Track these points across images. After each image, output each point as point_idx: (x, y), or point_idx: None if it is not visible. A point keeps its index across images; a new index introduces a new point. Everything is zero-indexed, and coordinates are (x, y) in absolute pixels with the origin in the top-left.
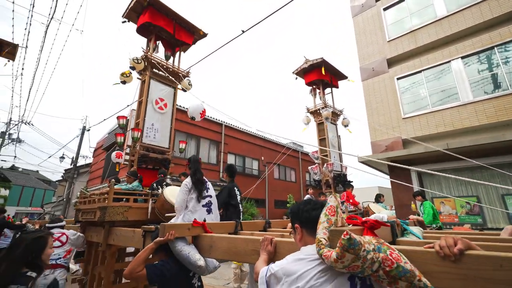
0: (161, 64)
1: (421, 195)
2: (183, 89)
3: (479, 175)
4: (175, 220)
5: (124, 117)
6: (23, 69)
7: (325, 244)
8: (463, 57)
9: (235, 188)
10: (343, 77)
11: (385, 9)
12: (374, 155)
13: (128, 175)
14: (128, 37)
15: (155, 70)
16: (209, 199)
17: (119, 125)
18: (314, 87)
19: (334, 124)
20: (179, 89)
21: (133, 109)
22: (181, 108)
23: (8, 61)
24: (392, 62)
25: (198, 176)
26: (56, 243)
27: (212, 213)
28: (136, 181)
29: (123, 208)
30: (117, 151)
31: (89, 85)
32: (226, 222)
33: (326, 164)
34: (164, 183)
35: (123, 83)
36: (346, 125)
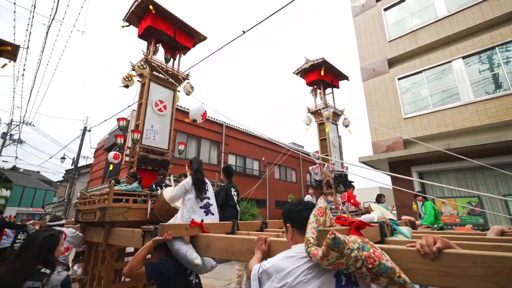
0: (161, 67)
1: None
2: (186, 93)
3: (480, 175)
4: (173, 220)
5: (124, 118)
6: (24, 70)
7: (313, 243)
8: (464, 57)
9: (232, 188)
10: (343, 77)
11: (385, 9)
12: (375, 155)
13: (128, 176)
14: (129, 37)
15: (155, 72)
16: (207, 200)
17: (119, 127)
18: (315, 87)
19: (335, 124)
20: (178, 91)
21: (133, 110)
22: (182, 108)
23: (10, 61)
24: (393, 62)
25: (199, 176)
26: None
27: (211, 214)
28: (135, 182)
29: (122, 209)
30: (116, 152)
31: (90, 85)
32: (223, 223)
33: (327, 165)
34: (163, 184)
35: (126, 87)
36: (347, 125)
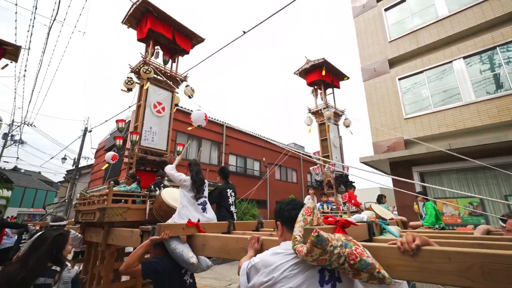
0: (159, 69)
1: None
2: (189, 97)
3: (482, 176)
4: (172, 219)
5: (123, 120)
6: (25, 70)
7: (299, 241)
8: (465, 57)
9: (229, 189)
10: (344, 77)
11: (386, 9)
12: (375, 155)
13: (127, 177)
14: (129, 38)
15: (153, 75)
16: (204, 199)
17: (118, 128)
18: (315, 87)
19: (335, 125)
20: (177, 93)
21: (134, 111)
22: (183, 109)
23: (11, 62)
24: (393, 62)
25: (201, 177)
26: None
27: (207, 212)
28: (134, 183)
29: (121, 209)
30: (114, 153)
31: (91, 86)
32: (220, 223)
33: (328, 165)
34: (162, 184)
35: (130, 90)
36: (347, 126)
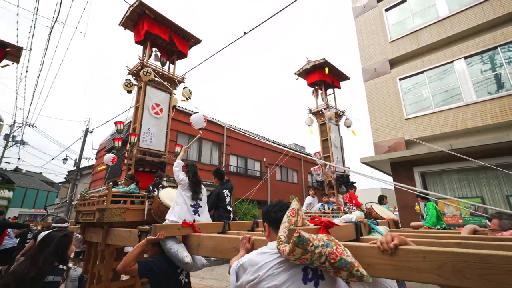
0: (156, 71)
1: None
2: (187, 98)
3: (483, 176)
4: (168, 215)
5: (122, 122)
6: (27, 71)
7: (283, 241)
8: (466, 57)
9: (225, 190)
10: (345, 78)
11: (386, 10)
12: (376, 155)
13: (125, 178)
14: (129, 39)
15: (153, 77)
16: (198, 202)
17: (117, 130)
18: (316, 88)
19: (336, 125)
20: (174, 94)
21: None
22: (184, 110)
23: (13, 63)
24: (394, 62)
25: (198, 178)
26: None
27: (199, 215)
28: (133, 184)
29: (120, 210)
30: (114, 156)
31: (92, 86)
32: (215, 223)
33: (329, 165)
34: (160, 185)
35: (129, 92)
36: (348, 126)
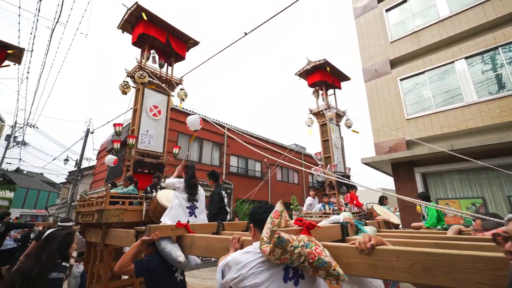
0: (154, 73)
1: (426, 197)
2: (180, 100)
3: (484, 176)
4: (164, 217)
5: (120, 124)
6: (28, 72)
7: (265, 241)
8: (467, 58)
9: (222, 191)
10: (345, 78)
11: (387, 10)
12: (377, 156)
13: (124, 180)
14: (128, 41)
15: (149, 79)
16: (195, 203)
17: (116, 132)
18: (316, 88)
19: (337, 125)
20: (172, 96)
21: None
22: (185, 110)
23: (14, 64)
24: (395, 63)
25: (193, 181)
26: None
27: (195, 216)
28: (131, 185)
29: (118, 211)
30: (115, 158)
31: (93, 87)
32: (209, 224)
33: (330, 166)
34: (158, 186)
35: (125, 94)
36: (349, 126)
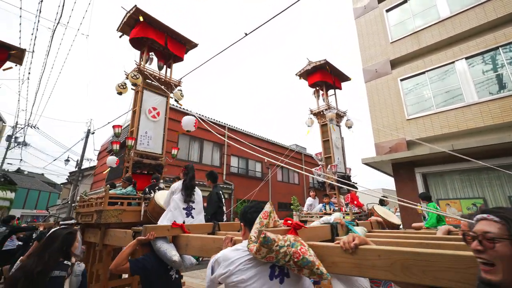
0: (153, 75)
1: (427, 197)
2: (175, 100)
3: (485, 177)
4: (163, 218)
5: (120, 126)
6: (29, 73)
7: (253, 240)
8: (467, 58)
9: (220, 191)
10: (346, 78)
11: (387, 10)
12: (378, 156)
13: (123, 181)
14: (128, 42)
15: (148, 81)
16: (192, 204)
17: (115, 134)
18: (317, 88)
19: (337, 126)
20: (171, 97)
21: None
22: (186, 111)
23: (16, 65)
24: (395, 63)
25: (192, 183)
26: None
27: (192, 217)
28: (130, 186)
29: (117, 211)
30: (117, 159)
31: (94, 87)
32: (205, 224)
33: (330, 166)
34: (157, 187)
35: (120, 94)
36: (349, 127)
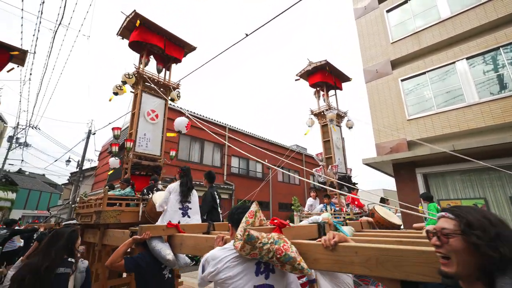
0: (152, 79)
1: (428, 197)
2: (171, 100)
3: (486, 177)
4: (161, 219)
5: (119, 128)
6: (31, 74)
7: (239, 238)
8: (468, 58)
9: (215, 192)
10: (346, 79)
11: (388, 11)
12: (378, 157)
13: (121, 182)
14: (127, 46)
15: (146, 83)
16: (188, 204)
17: (114, 136)
18: (318, 89)
19: (338, 126)
20: (169, 101)
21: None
22: (186, 112)
23: (18, 66)
24: (396, 63)
25: (189, 185)
26: None
27: (188, 217)
28: (128, 187)
29: (116, 212)
30: (119, 159)
31: (95, 88)
32: (200, 224)
33: (331, 166)
34: (155, 188)
35: (116, 94)
36: (350, 127)
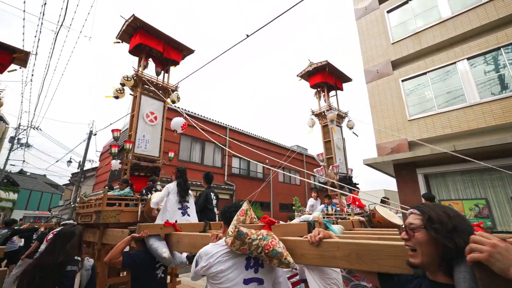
0: (151, 81)
1: (430, 198)
2: (171, 102)
3: (487, 177)
4: (161, 219)
5: (118, 130)
6: (32, 75)
7: (230, 235)
8: (469, 58)
9: (212, 193)
10: (347, 79)
11: (388, 11)
12: (379, 157)
13: (120, 183)
14: (127, 48)
15: (145, 86)
16: (186, 204)
17: (114, 137)
18: (318, 89)
19: (339, 127)
20: (168, 103)
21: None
22: (188, 113)
23: (20, 68)
24: (396, 64)
25: (187, 186)
26: None
27: (188, 215)
28: (127, 188)
29: (115, 212)
30: (120, 161)
31: (97, 89)
32: (196, 223)
33: (332, 167)
34: (154, 189)
35: (116, 98)
36: (351, 128)
